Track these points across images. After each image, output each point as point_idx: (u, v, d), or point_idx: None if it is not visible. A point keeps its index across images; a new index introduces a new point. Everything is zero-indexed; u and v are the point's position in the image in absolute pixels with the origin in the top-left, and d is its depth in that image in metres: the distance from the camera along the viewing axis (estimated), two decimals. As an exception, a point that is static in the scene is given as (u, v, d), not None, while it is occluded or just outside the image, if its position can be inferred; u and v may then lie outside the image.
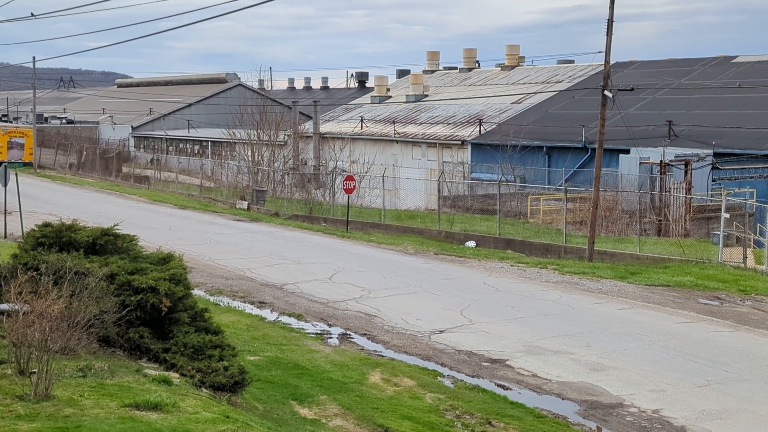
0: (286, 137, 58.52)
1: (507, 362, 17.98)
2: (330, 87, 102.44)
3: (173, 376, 13.09)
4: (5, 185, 31.89)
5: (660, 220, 35.26)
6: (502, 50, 67.96)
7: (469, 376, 17.20)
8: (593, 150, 37.36)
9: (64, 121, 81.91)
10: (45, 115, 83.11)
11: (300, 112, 66.47)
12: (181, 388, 12.51)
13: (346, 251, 31.72)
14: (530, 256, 31.00)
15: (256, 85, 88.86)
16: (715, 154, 39.50)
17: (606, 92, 30.42)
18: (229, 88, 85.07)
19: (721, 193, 34.22)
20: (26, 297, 12.03)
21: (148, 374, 12.92)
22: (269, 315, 21.93)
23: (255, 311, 22.26)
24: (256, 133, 56.52)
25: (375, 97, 67.93)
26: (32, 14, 31.10)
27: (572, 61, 64.34)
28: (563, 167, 43.57)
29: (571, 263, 29.21)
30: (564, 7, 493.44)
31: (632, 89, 36.23)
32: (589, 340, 19.69)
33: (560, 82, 57.24)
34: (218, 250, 31.33)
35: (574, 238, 32.89)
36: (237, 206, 45.63)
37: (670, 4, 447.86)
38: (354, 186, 39.37)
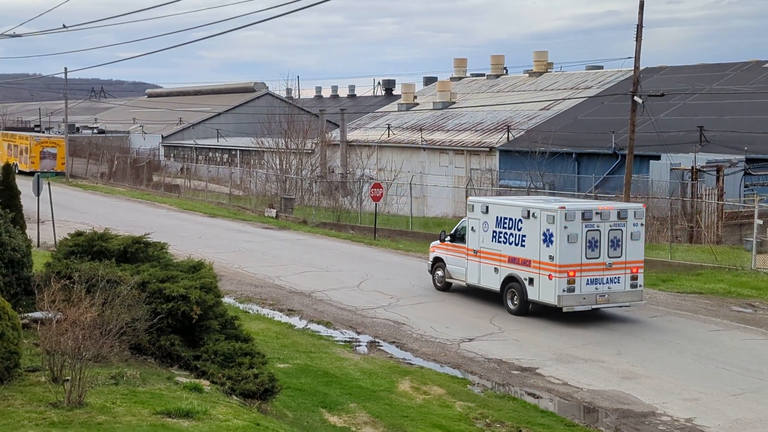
0: (314, 145, 58.69)
1: (537, 370, 17.90)
2: (357, 95, 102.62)
3: (204, 383, 13.14)
4: (38, 195, 32.21)
5: (692, 227, 34.93)
6: (530, 57, 67.61)
7: (498, 384, 17.14)
8: (623, 156, 37.11)
9: (95, 131, 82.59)
10: (77, 125, 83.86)
11: (327, 121, 66.64)
12: (211, 396, 12.56)
13: (374, 259, 31.73)
14: (560, 264, 30.78)
15: (284, 94, 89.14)
16: (748, 160, 39.10)
17: (636, 98, 30.25)
18: (258, 97, 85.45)
19: (753, 199, 33.85)
20: (59, 305, 12.14)
21: (180, 382, 12.98)
22: (298, 323, 21.99)
23: (284, 319, 22.33)
24: (284, 141, 56.73)
25: (402, 104, 67.92)
26: (64, 26, 31.47)
27: (601, 67, 63.98)
28: (593, 174, 43.32)
29: (601, 270, 28.96)
30: (593, 13, 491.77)
31: (662, 95, 35.98)
32: (621, 348, 19.55)
33: (589, 88, 56.96)
34: (247, 257, 31.45)
35: (604, 245, 32.63)
36: (265, 214, 45.81)
37: (700, 9, 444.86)
38: (381, 194, 39.38)
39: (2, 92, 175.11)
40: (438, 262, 26.23)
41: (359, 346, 19.87)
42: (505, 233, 23.25)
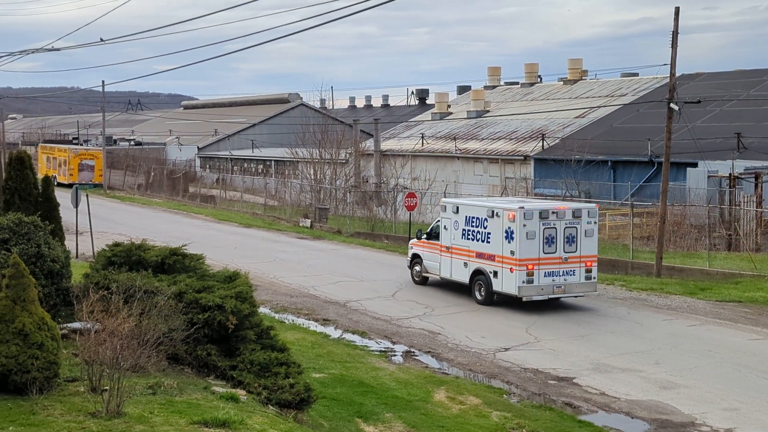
0: (348, 155, 58.86)
1: (574, 380, 17.77)
2: (390, 105, 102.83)
3: (240, 393, 13.20)
4: (76, 206, 32.60)
5: (730, 235, 34.53)
6: (564, 64, 67.18)
7: (535, 394, 17.03)
8: (659, 164, 36.81)
9: (132, 143, 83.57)
10: (114, 137, 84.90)
11: (361, 131, 66.81)
12: (248, 406, 12.61)
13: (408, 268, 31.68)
14: (598, 273, 30.58)
15: (318, 105, 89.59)
16: (787, 166, 38.60)
17: (672, 105, 29.99)
18: (292, 108, 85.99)
19: (792, 206, 33.39)
20: (98, 316, 12.26)
21: (216, 391, 13.05)
22: (333, 332, 22.03)
23: (319, 328, 22.38)
24: (318, 151, 56.99)
25: (435, 113, 67.91)
26: (101, 39, 31.82)
27: (636, 74, 63.52)
28: (629, 181, 43.01)
29: (638, 279, 28.79)
30: (628, 20, 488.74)
31: (699, 101, 35.63)
32: (659, 357, 19.35)
33: (624, 95, 56.56)
34: (282, 267, 31.58)
35: (641, 253, 32.40)
36: (300, 224, 45.99)
37: (736, 15, 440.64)
38: (415, 203, 39.36)
39: (42, 106, 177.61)
40: (416, 259, 28.44)
41: (394, 355, 19.86)
42: (473, 231, 25.63)
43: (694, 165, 39.02)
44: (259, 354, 14.15)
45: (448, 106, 69.30)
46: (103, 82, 69.46)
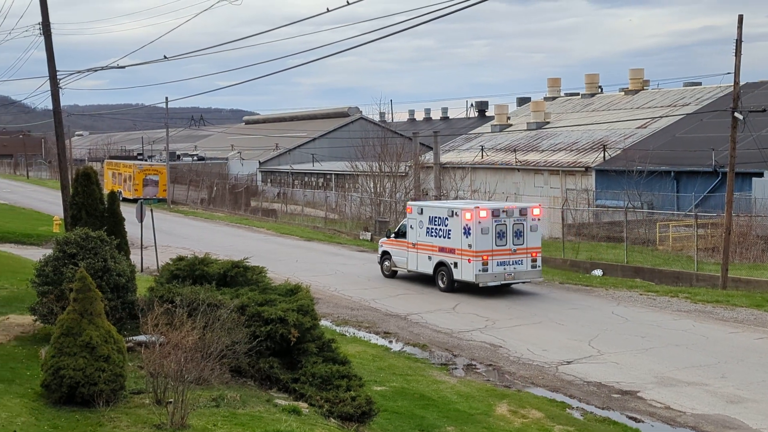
0: (407, 168, 58.86)
1: (638, 394, 17.52)
2: (450, 117, 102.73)
3: (302, 405, 13.29)
4: (141, 221, 33.17)
5: (798, 246, 33.74)
6: (625, 75, 66.51)
7: (599, 408, 16.83)
8: (724, 174, 36.16)
9: (195, 158, 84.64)
10: (177, 152, 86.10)
11: (420, 143, 66.75)
12: (310, 418, 12.69)
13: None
14: (660, 285, 30.17)
15: (377, 118, 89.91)
16: None
17: (736, 114, 29.47)
18: (352, 122, 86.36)
19: None
20: (162, 329, 12.46)
21: (278, 404, 13.16)
22: (394, 345, 22.04)
23: (380, 341, 22.41)
24: (377, 164, 57.13)
25: (495, 125, 67.63)
26: (165, 56, 32.36)
27: (699, 84, 62.53)
28: (692, 192, 42.32)
29: (703, 291, 28.28)
30: (690, 29, 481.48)
31: (764, 110, 34.93)
32: (725, 371, 18.97)
33: (687, 105, 55.71)
34: (343, 280, 31.72)
35: (705, 265, 31.83)
36: (360, 237, 46.12)
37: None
38: (476, 215, 39.20)
39: (107, 122, 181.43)
40: (385, 255, 32.49)
41: (455, 368, 19.79)
42: (436, 229, 29.52)
43: (760, 175, 38.24)
44: (321, 367, 14.24)
45: (508, 118, 68.98)
46: (166, 98, 70.31)
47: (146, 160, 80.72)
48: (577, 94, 70.14)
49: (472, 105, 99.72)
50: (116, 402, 12.15)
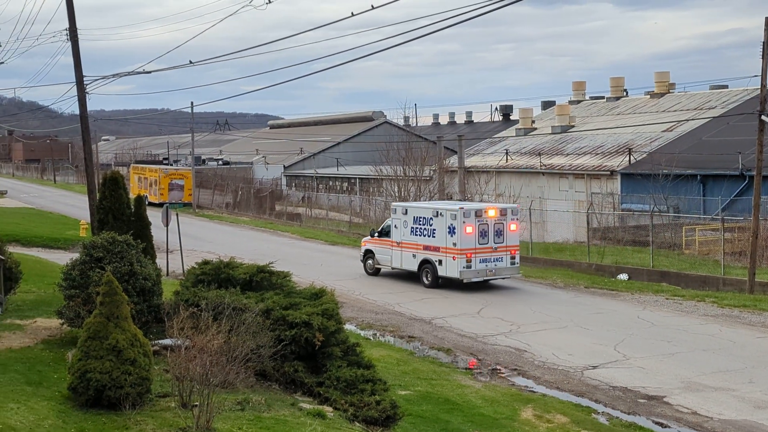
0: (432, 172, 58.84)
1: (665, 399, 17.40)
2: (474, 121, 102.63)
3: (327, 409, 13.32)
4: (167, 225, 33.37)
5: (827, 250, 33.37)
6: (651, 78, 66.06)
7: (624, 413, 16.73)
8: (751, 177, 35.84)
9: (220, 162, 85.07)
10: (202, 157, 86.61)
11: (445, 147, 66.72)
12: (334, 422, 12.71)
13: (495, 285, 31.51)
14: (686, 289, 29.95)
15: (401, 122, 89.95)
16: None
17: (763, 117, 29.22)
18: (376, 126, 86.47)
19: None
20: (188, 332, 12.54)
21: (303, 408, 13.19)
22: (419, 349, 22.02)
23: (405, 345, 22.40)
24: (402, 168, 57.15)
25: (520, 129, 67.46)
26: (190, 62, 32.60)
27: (726, 87, 62.04)
28: (719, 196, 41.98)
29: (730, 296, 28.04)
30: (716, 32, 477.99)
31: (792, 113, 34.58)
32: (753, 376, 18.80)
33: (713, 108, 55.29)
34: (367, 284, 31.74)
35: (732, 269, 31.56)
36: (385, 241, 46.09)
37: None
38: (501, 219, 39.10)
39: (133, 127, 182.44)
40: (368, 254, 34.07)
41: (480, 373, 19.75)
42: (421, 228, 31.12)
43: (788, 178, 37.85)
44: (346, 371, 14.26)
45: (533, 122, 68.77)
46: (192, 103, 71.11)
47: (172, 165, 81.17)
48: (602, 97, 69.81)
49: (496, 109, 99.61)
50: (142, 405, 12.23)
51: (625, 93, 68.03)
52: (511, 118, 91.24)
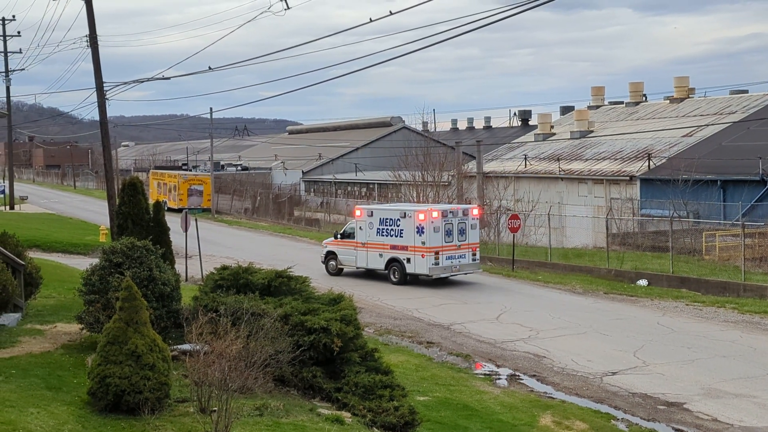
0: (450, 177, 58.77)
1: (684, 405, 17.28)
2: (493, 126, 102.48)
3: (345, 415, 13.31)
4: (186, 230, 33.48)
5: None
6: (670, 83, 65.72)
7: (644, 419, 16.63)
8: (772, 182, 35.58)
9: (239, 168, 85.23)
10: (221, 162, 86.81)
11: (463, 152, 66.64)
12: (353, 428, 12.70)
13: (512, 290, 31.45)
14: (706, 295, 29.76)
15: (420, 128, 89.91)
16: None
17: (784, 122, 29.03)
18: (394, 131, 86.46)
19: None
20: (206, 337, 12.57)
21: (321, 413, 13.19)
22: (437, 355, 21.98)
23: (423, 351, 22.35)
24: (420, 174, 57.11)
25: (538, 134, 67.30)
26: (209, 68, 32.72)
27: (746, 91, 61.65)
28: (739, 201, 41.69)
29: (751, 302, 27.84)
30: (736, 37, 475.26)
31: (813, 118, 34.36)
32: (774, 383, 18.65)
33: (734, 113, 54.95)
34: (386, 290, 31.73)
35: (753, 275, 31.33)
36: (403, 247, 46.05)
37: None
38: (519, 225, 39.03)
39: (152, 133, 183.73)
40: (330, 255, 35.57)
41: (499, 379, 19.69)
42: (388, 229, 32.91)
43: (809, 183, 37.56)
44: (364, 376, 14.25)
45: (551, 127, 68.59)
46: (211, 109, 71.05)
47: (191, 171, 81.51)
48: (621, 102, 69.55)
49: (515, 114, 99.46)
50: (161, 410, 12.26)
51: (644, 98, 67.76)
52: (530, 123, 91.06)
